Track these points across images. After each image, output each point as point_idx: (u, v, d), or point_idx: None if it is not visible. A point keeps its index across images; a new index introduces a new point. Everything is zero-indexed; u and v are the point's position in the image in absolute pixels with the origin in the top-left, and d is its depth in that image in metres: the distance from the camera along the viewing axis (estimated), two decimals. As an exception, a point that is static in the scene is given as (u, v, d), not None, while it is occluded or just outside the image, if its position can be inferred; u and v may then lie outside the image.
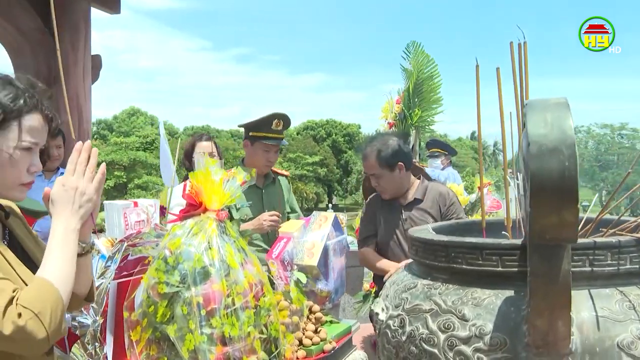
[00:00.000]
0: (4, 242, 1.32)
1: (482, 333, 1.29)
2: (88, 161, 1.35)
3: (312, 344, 1.88)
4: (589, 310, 1.25)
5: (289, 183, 3.55)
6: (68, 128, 2.04)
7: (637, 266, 1.31)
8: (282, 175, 3.49)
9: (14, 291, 1.14)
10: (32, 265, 1.33)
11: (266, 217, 2.91)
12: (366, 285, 4.27)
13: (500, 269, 1.35)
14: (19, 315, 1.10)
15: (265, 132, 3.14)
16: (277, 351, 1.56)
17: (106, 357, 1.62)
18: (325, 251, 2.23)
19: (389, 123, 4.47)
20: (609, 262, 1.30)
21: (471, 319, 1.32)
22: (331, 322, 2.12)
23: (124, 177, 30.52)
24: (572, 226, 0.96)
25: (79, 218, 1.31)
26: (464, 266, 1.40)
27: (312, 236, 2.24)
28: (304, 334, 1.89)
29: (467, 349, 1.30)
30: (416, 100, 4.35)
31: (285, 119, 3.20)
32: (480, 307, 1.33)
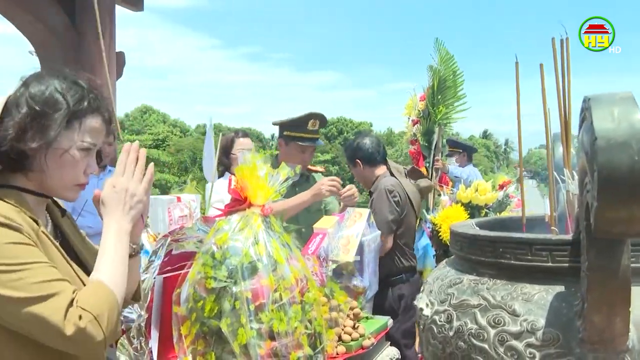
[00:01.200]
0: (57, 240, 1.31)
1: (534, 328, 1.28)
2: (137, 162, 1.35)
3: (351, 340, 1.88)
4: (644, 306, 1.24)
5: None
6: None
7: (694, 263, 1.31)
8: (316, 171, 3.44)
9: (73, 292, 1.14)
10: (82, 265, 1.34)
11: (325, 182, 2.86)
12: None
13: (550, 264, 1.35)
14: (80, 317, 1.11)
15: (301, 132, 3.09)
16: (321, 347, 1.56)
17: (151, 352, 1.63)
18: (361, 247, 2.24)
19: (412, 120, 4.46)
20: (665, 258, 1.29)
21: (522, 314, 1.31)
22: (367, 318, 2.13)
23: (137, 174, 30.73)
24: (640, 221, 0.95)
25: (130, 219, 1.31)
26: (512, 261, 1.40)
27: (347, 232, 2.25)
28: (342, 329, 1.89)
29: (519, 344, 1.29)
30: (439, 97, 4.34)
31: (321, 119, 3.15)
32: (531, 303, 1.32)
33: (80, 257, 1.38)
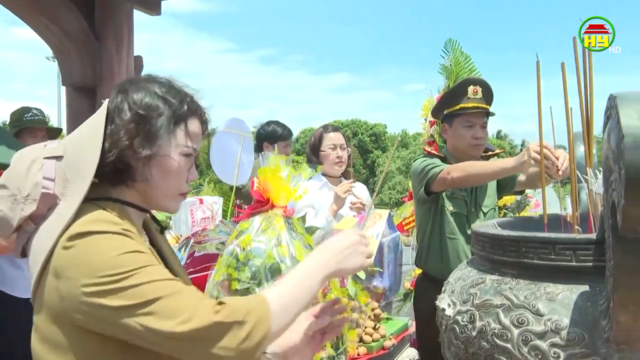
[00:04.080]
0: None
1: (559, 328, 1.28)
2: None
3: (372, 341, 1.89)
4: (670, 305, 1.23)
5: None
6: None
7: None
8: (493, 155, 2.88)
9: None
10: None
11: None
12: (407, 284, 4.27)
13: (574, 263, 1.34)
14: (216, 312, 1.02)
15: (462, 102, 2.56)
16: (343, 347, 1.57)
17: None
18: (380, 248, 2.24)
19: (430, 122, 4.44)
20: (688, 256, 1.28)
21: (546, 313, 1.31)
22: (388, 319, 2.13)
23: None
24: (668, 219, 0.95)
25: (337, 268, 1.21)
26: (535, 261, 1.39)
27: (367, 233, 2.24)
28: (364, 330, 1.90)
29: (543, 344, 1.29)
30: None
31: (483, 85, 2.61)
32: (555, 302, 1.32)
33: (179, 277, 1.23)
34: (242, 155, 2.42)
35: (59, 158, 1.13)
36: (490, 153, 2.79)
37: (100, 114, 1.17)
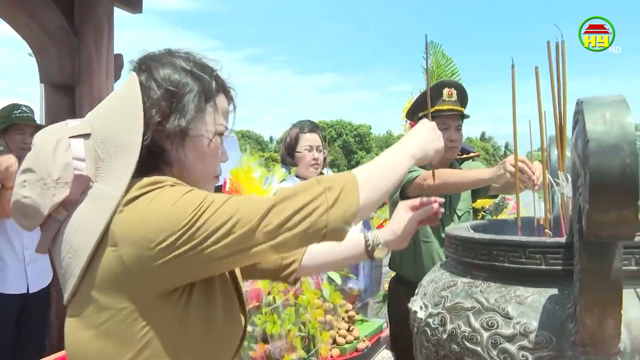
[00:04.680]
0: None
1: (527, 331, 1.29)
2: None
3: (346, 343, 1.88)
4: (636, 309, 1.25)
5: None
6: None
7: (683, 265, 1.31)
8: (468, 158, 2.99)
9: None
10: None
11: None
12: (386, 286, 4.27)
13: (543, 267, 1.35)
14: (294, 190, 1.02)
15: (436, 105, 2.56)
16: (315, 349, 1.56)
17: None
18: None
19: (410, 123, 4.46)
20: (656, 260, 1.30)
21: (515, 317, 1.32)
22: (362, 321, 2.13)
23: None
24: (631, 224, 0.96)
25: (423, 153, 1.27)
26: (505, 264, 1.40)
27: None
28: (337, 332, 1.89)
29: (512, 347, 1.30)
30: (437, 100, 4.34)
31: (458, 88, 2.62)
32: (524, 305, 1.33)
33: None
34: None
35: (86, 136, 1.05)
36: (465, 156, 2.81)
37: (132, 88, 1.08)
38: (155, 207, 0.95)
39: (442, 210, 1.53)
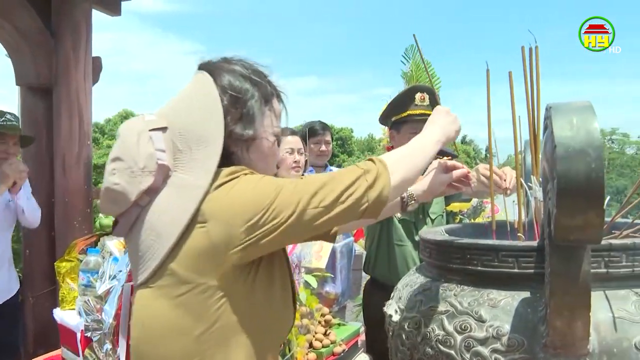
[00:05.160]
0: None
1: (500, 334, 1.30)
2: None
3: (322, 347, 1.88)
4: (605, 311, 1.26)
5: None
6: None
7: (651, 268, 1.33)
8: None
9: None
10: None
11: None
12: (366, 289, 4.28)
13: (516, 270, 1.36)
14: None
15: (409, 109, 2.59)
16: (290, 353, 1.56)
17: None
18: (333, 253, 2.24)
19: (388, 128, 4.47)
20: (624, 263, 1.32)
21: (488, 320, 1.33)
22: (339, 324, 2.13)
23: (116, 180, 30.38)
24: (597, 227, 0.97)
25: (446, 136, 1.38)
26: (479, 268, 1.41)
27: (320, 238, 2.24)
28: (314, 336, 1.89)
29: (485, 350, 1.31)
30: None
31: (430, 93, 2.65)
32: (497, 309, 1.34)
33: None
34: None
35: (164, 129, 1.14)
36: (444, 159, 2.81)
37: (208, 87, 1.17)
38: (239, 190, 1.07)
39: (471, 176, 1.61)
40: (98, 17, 4.39)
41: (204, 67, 1.23)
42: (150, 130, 1.13)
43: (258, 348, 1.13)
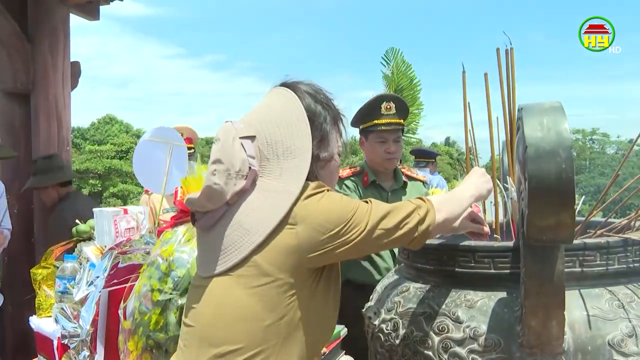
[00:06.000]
0: None
1: (477, 334, 1.30)
2: None
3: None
4: (580, 309, 1.27)
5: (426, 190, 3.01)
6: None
7: (625, 266, 1.35)
8: (417, 179, 2.95)
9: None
10: None
11: None
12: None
13: (492, 271, 1.37)
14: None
15: (374, 118, 2.64)
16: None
17: (96, 367, 1.60)
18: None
19: (360, 138, 4.48)
20: (598, 262, 1.33)
21: (465, 320, 1.33)
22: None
23: (99, 185, 30.01)
24: (569, 227, 0.98)
25: (479, 193, 1.44)
26: (456, 269, 1.42)
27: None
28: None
29: (462, 351, 1.31)
30: (397, 106, 4.37)
31: (397, 101, 2.69)
32: (474, 309, 1.34)
33: None
34: (172, 165, 2.38)
35: (252, 138, 1.25)
36: (413, 175, 2.92)
37: (295, 104, 1.30)
38: (327, 203, 1.21)
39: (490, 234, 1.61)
40: (78, 21, 4.36)
41: (286, 85, 1.36)
42: (240, 137, 1.23)
43: (309, 347, 1.23)
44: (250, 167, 1.22)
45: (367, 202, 1.27)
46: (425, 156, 6.30)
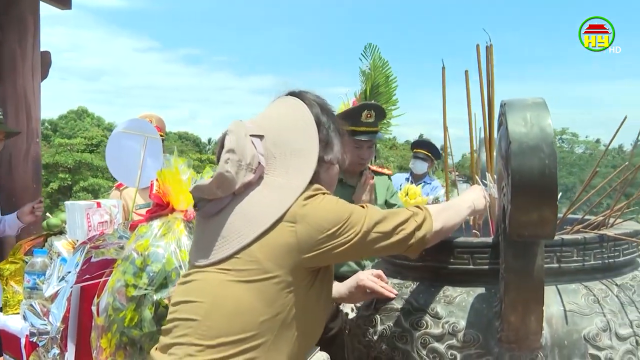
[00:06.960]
0: None
1: (455, 330, 1.30)
2: None
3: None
4: (557, 305, 1.29)
5: (391, 183, 3.13)
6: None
7: (600, 262, 1.37)
8: (382, 173, 3.08)
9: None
10: None
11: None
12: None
13: (471, 266, 1.38)
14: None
15: (353, 125, 2.73)
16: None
17: (67, 364, 1.56)
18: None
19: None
20: (575, 258, 1.35)
21: (444, 316, 1.33)
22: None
23: (69, 179, 29.40)
24: (551, 223, 0.98)
25: (474, 208, 1.47)
26: (434, 264, 1.42)
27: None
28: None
29: (441, 346, 1.31)
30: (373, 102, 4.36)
31: (377, 110, 2.84)
32: (453, 305, 1.35)
33: None
34: (146, 157, 2.33)
35: (261, 137, 1.30)
36: (378, 170, 3.09)
37: (302, 111, 1.35)
38: (326, 204, 1.25)
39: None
40: (50, 11, 4.25)
41: (293, 94, 1.41)
42: (250, 135, 1.28)
43: (299, 346, 1.26)
44: (259, 163, 1.27)
45: (363, 206, 1.30)
46: (427, 148, 5.54)
